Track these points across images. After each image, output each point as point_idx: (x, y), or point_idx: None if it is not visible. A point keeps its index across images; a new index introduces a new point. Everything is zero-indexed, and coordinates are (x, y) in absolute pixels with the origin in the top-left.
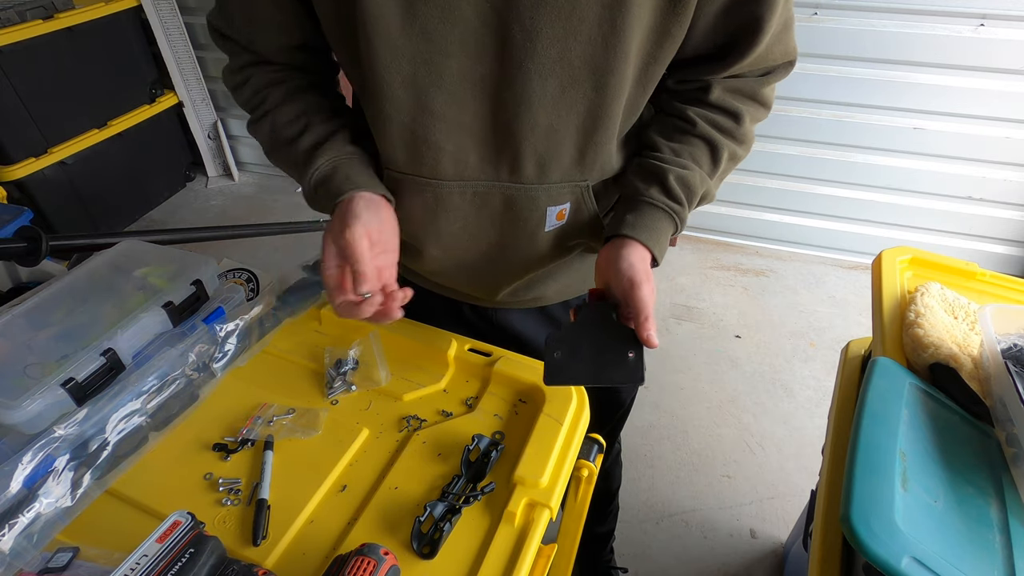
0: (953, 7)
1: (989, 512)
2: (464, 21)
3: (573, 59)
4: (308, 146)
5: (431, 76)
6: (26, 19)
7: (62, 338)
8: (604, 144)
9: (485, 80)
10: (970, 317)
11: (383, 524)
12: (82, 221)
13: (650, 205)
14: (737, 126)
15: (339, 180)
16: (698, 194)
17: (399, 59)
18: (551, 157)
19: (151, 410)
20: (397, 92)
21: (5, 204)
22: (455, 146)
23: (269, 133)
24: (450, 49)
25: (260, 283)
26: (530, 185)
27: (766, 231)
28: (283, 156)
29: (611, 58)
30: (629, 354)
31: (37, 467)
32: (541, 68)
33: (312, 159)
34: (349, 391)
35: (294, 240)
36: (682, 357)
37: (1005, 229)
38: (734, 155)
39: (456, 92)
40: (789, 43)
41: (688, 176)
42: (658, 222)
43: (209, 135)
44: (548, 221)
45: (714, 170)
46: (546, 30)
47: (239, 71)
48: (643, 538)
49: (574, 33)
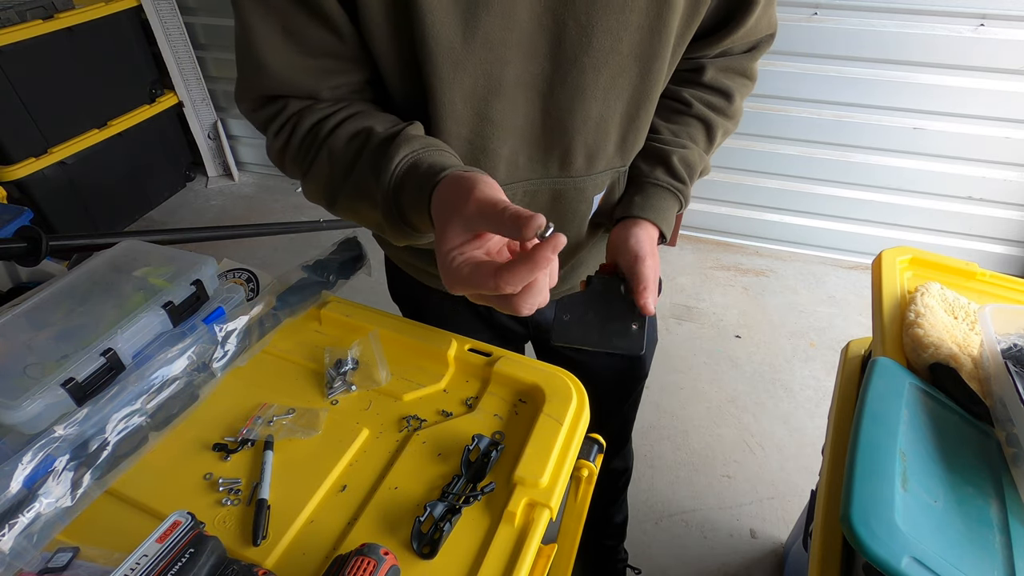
0: (953, 7)
1: (989, 512)
2: (520, 25)
3: (623, 49)
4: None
5: (490, 85)
6: (26, 19)
7: (62, 338)
8: (643, 128)
9: (536, 80)
10: (970, 317)
11: (383, 524)
12: (82, 221)
13: (656, 186)
14: (728, 104)
15: (424, 169)
16: (698, 170)
17: (461, 73)
18: (599, 147)
19: (151, 410)
20: (458, 106)
21: (5, 204)
22: (509, 150)
23: (327, 166)
24: (508, 55)
25: (260, 283)
26: (579, 177)
27: (766, 231)
28: (349, 186)
29: (656, 44)
30: (633, 325)
31: (37, 467)
32: (595, 61)
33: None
34: (349, 391)
35: (294, 240)
36: (682, 357)
37: (1005, 229)
38: (726, 131)
39: (512, 97)
40: (772, 15)
41: (688, 155)
42: (664, 201)
43: (209, 135)
44: (593, 208)
45: (710, 146)
46: (601, 23)
47: (287, 122)
48: (643, 538)
49: (625, 24)
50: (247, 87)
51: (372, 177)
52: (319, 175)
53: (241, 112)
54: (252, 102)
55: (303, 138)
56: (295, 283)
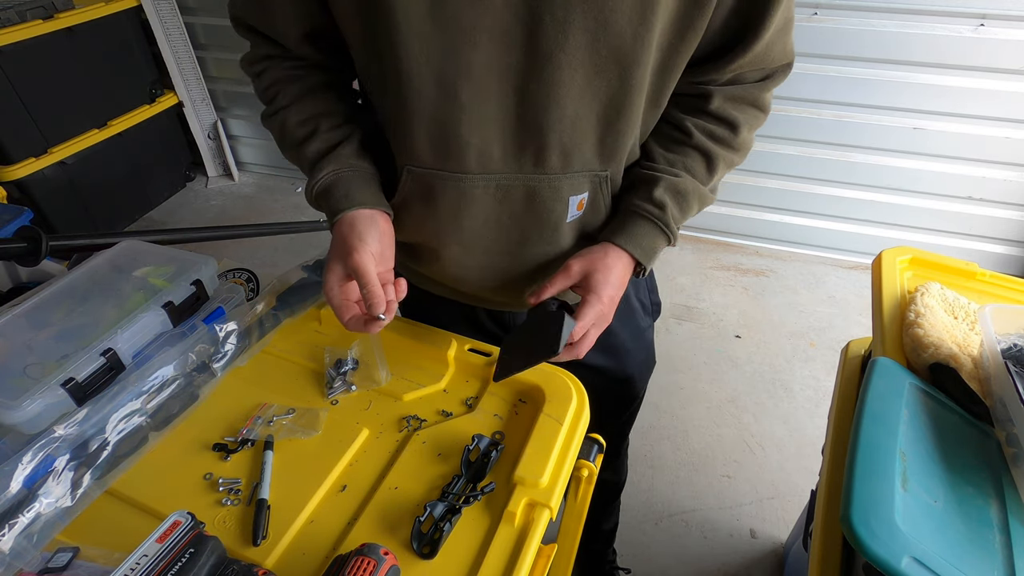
0: (953, 7)
1: (989, 512)
2: (494, 10)
3: (601, 49)
4: (313, 154)
5: (458, 67)
6: (26, 19)
7: (62, 338)
8: (624, 134)
9: (512, 70)
10: (970, 317)
11: (383, 524)
12: (82, 221)
13: (635, 214)
14: (734, 136)
15: (338, 196)
16: (691, 199)
17: (427, 50)
18: (575, 147)
19: (151, 410)
20: (424, 84)
21: (5, 204)
22: (480, 139)
23: (280, 131)
24: (478, 39)
25: (260, 283)
26: (553, 175)
27: (766, 231)
28: (291, 156)
29: (637, 49)
30: (552, 330)
31: (37, 467)
32: (571, 59)
33: (316, 169)
34: (349, 391)
35: (294, 240)
36: (682, 357)
37: (1005, 229)
38: (730, 163)
39: (483, 83)
40: (788, 44)
41: (679, 184)
42: (642, 228)
43: (209, 135)
44: (570, 211)
45: (709, 178)
46: (578, 21)
47: (256, 62)
48: (643, 538)
49: (605, 24)
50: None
51: (307, 170)
52: (273, 129)
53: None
54: (237, 22)
55: (266, 88)
56: (295, 283)
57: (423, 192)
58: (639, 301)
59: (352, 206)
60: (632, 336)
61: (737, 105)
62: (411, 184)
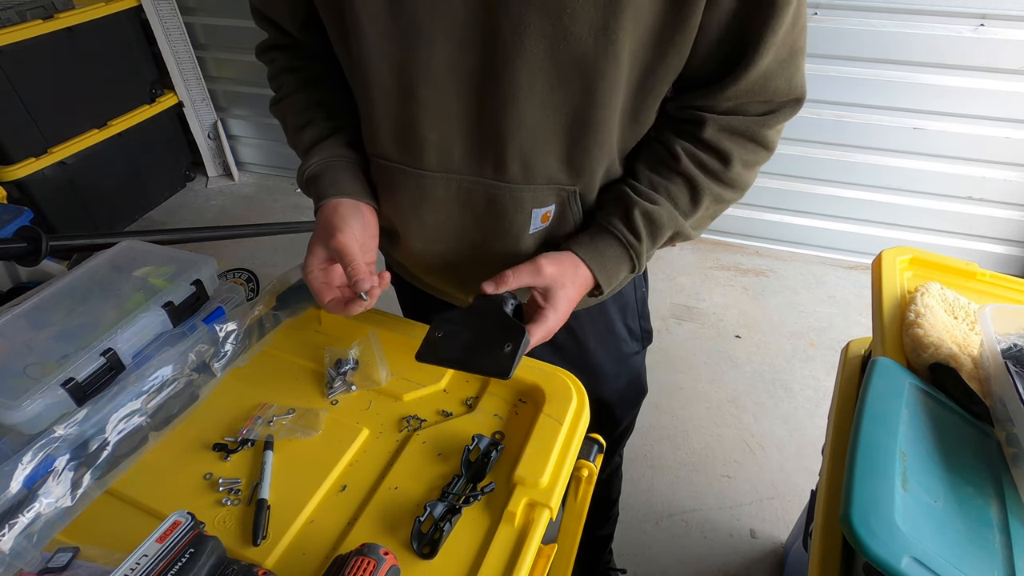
0: (953, 7)
1: (989, 512)
2: (452, 10)
3: (561, 58)
4: (307, 143)
5: (416, 64)
6: (26, 19)
7: (62, 338)
8: (593, 150)
9: (472, 72)
10: (970, 317)
11: (383, 524)
12: (82, 221)
13: (606, 230)
14: (724, 169)
15: (325, 184)
16: (665, 231)
17: (385, 44)
18: (536, 157)
19: (151, 410)
20: (384, 78)
21: (5, 204)
22: (439, 136)
23: (282, 119)
24: (436, 37)
25: (260, 283)
26: (515, 185)
27: (766, 231)
28: (292, 143)
29: (601, 61)
30: (506, 347)
31: (37, 467)
32: (528, 65)
33: (307, 156)
34: (349, 391)
35: (294, 240)
36: (682, 357)
37: (1005, 229)
38: (719, 198)
39: (442, 82)
40: (795, 77)
41: (655, 212)
42: (610, 248)
43: (209, 135)
44: (533, 223)
45: (692, 209)
46: (534, 26)
47: (267, 51)
48: (643, 538)
49: (563, 31)
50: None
51: (301, 157)
52: (279, 117)
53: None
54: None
55: (274, 77)
56: (295, 283)
57: (387, 183)
58: (626, 327)
59: (338, 194)
60: (613, 360)
61: (732, 137)
62: (377, 174)
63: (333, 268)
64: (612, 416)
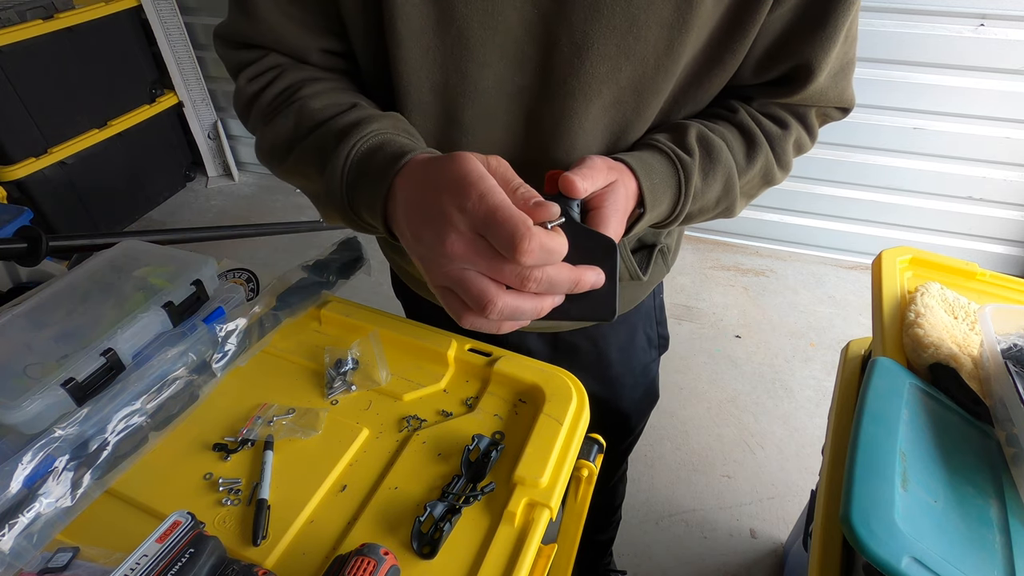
0: (953, 7)
1: (989, 512)
2: (507, 28)
3: (621, 79)
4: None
5: (463, 85)
6: (26, 19)
7: (62, 338)
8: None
9: (523, 93)
10: (970, 317)
11: (383, 524)
12: (82, 221)
13: (653, 147)
14: (782, 131)
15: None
16: (719, 166)
17: (430, 63)
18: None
19: (151, 410)
20: (425, 99)
21: (5, 204)
22: None
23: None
24: (488, 58)
25: (260, 283)
26: None
27: (766, 231)
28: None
29: (660, 80)
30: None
31: (37, 467)
32: (586, 87)
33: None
34: (349, 391)
35: (294, 240)
36: (682, 357)
37: (1005, 229)
38: (769, 167)
39: (489, 104)
40: (846, 89)
41: (711, 138)
42: (658, 163)
43: (209, 135)
44: None
45: (747, 165)
46: (597, 46)
47: (266, 72)
48: (643, 538)
49: (627, 52)
50: (233, 30)
51: (334, 141)
52: (281, 127)
53: (215, 46)
54: (232, 44)
55: (282, 91)
56: (295, 283)
57: None
58: (646, 335)
59: (425, 149)
60: (632, 371)
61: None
62: None
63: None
64: (626, 425)
